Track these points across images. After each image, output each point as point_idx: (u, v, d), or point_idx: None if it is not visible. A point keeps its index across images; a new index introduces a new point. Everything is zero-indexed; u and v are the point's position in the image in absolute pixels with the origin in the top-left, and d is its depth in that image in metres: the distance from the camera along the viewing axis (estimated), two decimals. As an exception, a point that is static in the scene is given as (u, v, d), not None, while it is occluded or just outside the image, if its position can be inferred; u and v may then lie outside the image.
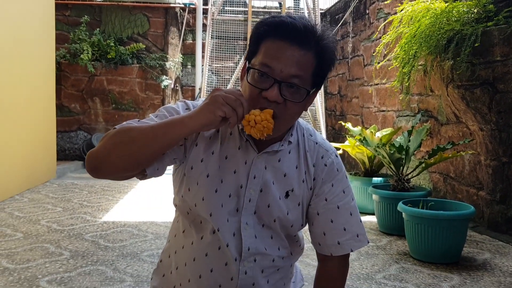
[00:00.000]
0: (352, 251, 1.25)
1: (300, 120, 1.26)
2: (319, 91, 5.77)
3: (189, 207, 1.21)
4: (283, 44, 1.09)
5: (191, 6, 7.74)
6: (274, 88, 1.08)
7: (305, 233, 1.42)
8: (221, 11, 7.16)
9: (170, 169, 1.25)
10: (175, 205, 1.29)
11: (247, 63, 1.16)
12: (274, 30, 1.10)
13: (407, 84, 3.79)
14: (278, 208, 1.21)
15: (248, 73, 1.12)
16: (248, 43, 1.20)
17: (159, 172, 1.15)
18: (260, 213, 1.20)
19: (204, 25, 7.61)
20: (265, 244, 1.22)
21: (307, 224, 1.32)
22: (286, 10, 7.08)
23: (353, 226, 1.24)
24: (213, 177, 1.18)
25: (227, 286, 1.21)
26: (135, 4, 7.50)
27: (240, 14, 7.29)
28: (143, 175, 1.14)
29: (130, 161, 1.06)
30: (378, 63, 4.71)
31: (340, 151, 5.23)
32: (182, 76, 8.11)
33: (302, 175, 1.24)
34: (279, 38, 1.09)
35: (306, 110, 1.18)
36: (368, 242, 1.29)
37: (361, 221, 1.28)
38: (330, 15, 7.89)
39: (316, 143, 1.27)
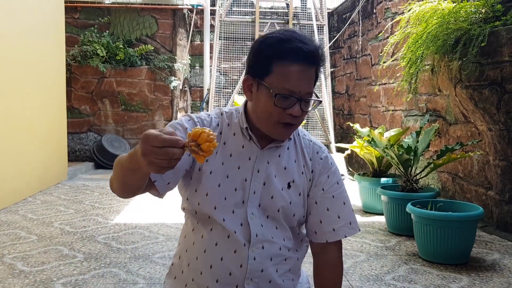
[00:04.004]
0: (345, 237, 1.36)
1: None
2: (327, 90, 5.77)
3: (194, 206, 1.31)
4: (300, 68, 1.23)
5: (199, 7, 7.78)
6: (297, 106, 1.24)
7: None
8: (229, 12, 7.19)
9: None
10: (183, 209, 1.39)
11: (252, 77, 1.27)
12: (291, 54, 1.22)
13: (414, 84, 3.80)
14: (282, 198, 1.32)
15: (271, 96, 1.22)
16: (253, 58, 1.27)
17: (172, 186, 1.27)
18: (265, 205, 1.31)
19: (212, 26, 7.65)
20: (271, 233, 1.32)
21: None
22: (293, 11, 7.09)
23: (346, 214, 1.37)
24: (216, 173, 1.29)
25: (237, 273, 1.27)
26: (143, 6, 7.55)
27: (247, 15, 7.31)
28: (158, 193, 1.26)
29: (126, 189, 1.19)
30: (385, 62, 4.72)
31: (349, 151, 5.25)
32: (190, 77, 8.16)
33: (301, 167, 1.37)
34: (296, 62, 1.22)
35: None
36: (359, 230, 1.40)
37: (352, 210, 1.40)
38: (337, 15, 7.89)
39: (310, 141, 1.42)
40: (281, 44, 1.22)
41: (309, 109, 1.28)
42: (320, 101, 1.31)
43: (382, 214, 3.86)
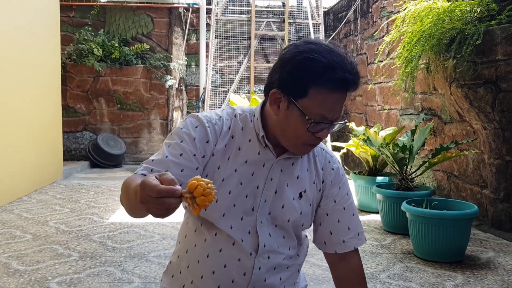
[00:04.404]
0: (354, 248, 1.35)
1: None
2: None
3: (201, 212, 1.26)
4: (339, 96, 1.19)
5: (195, 6, 7.76)
6: (327, 130, 1.22)
7: (309, 233, 1.46)
8: (225, 10, 7.18)
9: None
10: (185, 207, 1.35)
11: (283, 93, 1.20)
12: (333, 84, 1.16)
13: (410, 83, 3.81)
14: (293, 208, 1.30)
15: (304, 122, 1.18)
16: (287, 74, 1.18)
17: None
18: (275, 214, 1.29)
19: (208, 25, 7.64)
20: (277, 243, 1.30)
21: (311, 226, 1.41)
22: (289, 10, 7.09)
23: (355, 225, 1.36)
24: (228, 180, 1.25)
25: (240, 281, 1.26)
26: (139, 4, 7.53)
27: (243, 14, 7.31)
28: None
29: (136, 216, 1.13)
30: (381, 61, 4.73)
31: (344, 150, 5.26)
32: (186, 76, 8.15)
33: (313, 177, 1.35)
34: (337, 92, 1.18)
35: None
36: (366, 240, 1.40)
37: (360, 221, 1.40)
38: (333, 13, 7.89)
39: (323, 149, 1.40)
40: (324, 71, 1.14)
41: (334, 130, 1.26)
42: (345, 123, 1.28)
43: (377, 213, 3.87)
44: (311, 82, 1.15)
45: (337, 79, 1.15)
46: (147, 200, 0.93)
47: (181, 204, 1.34)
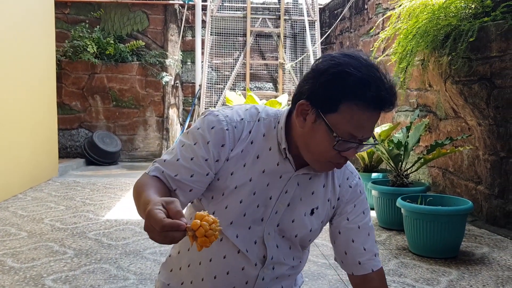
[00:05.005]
0: (372, 271, 1.26)
1: None
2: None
3: (208, 212, 1.23)
4: (372, 115, 1.10)
5: (190, 2, 7.75)
6: (355, 150, 1.13)
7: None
8: (220, 7, 7.17)
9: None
10: (191, 202, 1.30)
11: (311, 105, 1.12)
12: (368, 102, 1.07)
13: (402, 79, 3.81)
14: (303, 224, 1.25)
15: (331, 139, 1.10)
16: (319, 87, 1.10)
17: (198, 193, 1.20)
18: (283, 227, 1.24)
19: (203, 22, 7.62)
20: (284, 255, 1.27)
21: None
22: (284, 6, 7.08)
23: (371, 246, 1.28)
24: (241, 189, 1.19)
25: None
26: (134, 1, 7.51)
27: (239, 10, 7.30)
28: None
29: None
30: (376, 58, 4.73)
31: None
32: (182, 72, 8.14)
33: (328, 193, 1.28)
34: (371, 111, 1.09)
35: None
36: (381, 264, 1.32)
37: (375, 242, 1.33)
38: (328, 10, 7.89)
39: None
40: (359, 87, 1.06)
41: (363, 150, 1.19)
42: (376, 144, 1.19)
43: (372, 209, 3.88)
44: (343, 97, 1.07)
45: (372, 97, 1.06)
46: (151, 230, 0.92)
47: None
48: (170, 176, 1.15)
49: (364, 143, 1.13)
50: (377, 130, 4.33)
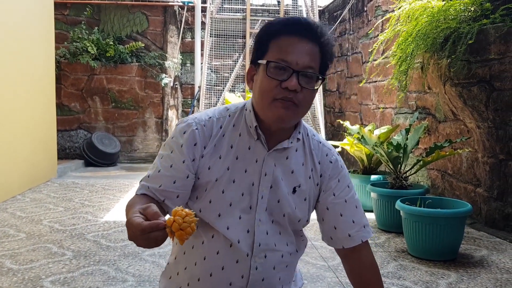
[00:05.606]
0: (362, 242, 1.32)
1: (302, 121, 1.33)
2: (318, 88, 5.77)
3: (196, 212, 1.24)
4: (294, 39, 1.19)
5: (190, 4, 7.75)
6: (293, 78, 1.16)
7: (308, 230, 1.46)
8: (220, 9, 7.17)
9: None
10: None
11: (254, 64, 1.25)
12: (284, 27, 1.20)
13: (404, 82, 3.82)
14: (287, 203, 1.27)
15: (264, 69, 1.19)
16: (254, 45, 1.26)
17: (185, 197, 1.26)
18: (271, 209, 1.26)
19: (203, 23, 7.62)
20: (274, 240, 1.28)
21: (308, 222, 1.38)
22: (284, 8, 7.09)
23: (360, 218, 1.33)
24: (221, 179, 1.23)
25: (238, 283, 1.25)
26: (133, 2, 7.51)
27: (238, 12, 7.30)
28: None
29: None
30: (375, 60, 4.74)
31: (339, 149, 5.27)
32: (181, 74, 8.13)
33: (309, 171, 1.31)
34: (290, 35, 1.19)
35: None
36: (372, 234, 1.37)
37: (364, 213, 1.36)
38: (328, 12, 7.90)
39: (320, 142, 1.36)
40: (277, 23, 1.22)
41: (311, 88, 1.19)
42: (323, 79, 1.22)
43: (371, 211, 3.88)
44: (268, 38, 1.20)
45: (286, 23, 1.20)
46: (135, 237, 0.98)
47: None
48: (155, 188, 1.22)
49: (301, 71, 1.17)
50: (376, 133, 4.33)
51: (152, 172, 1.25)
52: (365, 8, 6.09)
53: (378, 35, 4.81)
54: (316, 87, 1.22)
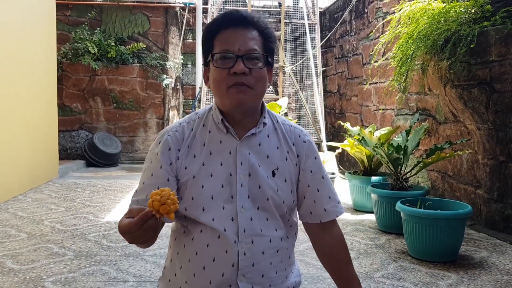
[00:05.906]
0: (336, 216, 1.40)
1: (266, 107, 1.40)
2: (318, 89, 5.78)
3: (182, 211, 1.30)
4: (232, 30, 1.28)
5: (191, 5, 7.77)
6: (239, 63, 1.24)
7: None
8: (221, 10, 7.18)
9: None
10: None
11: (206, 65, 1.33)
12: (221, 23, 1.29)
13: (404, 84, 3.82)
14: (269, 187, 1.31)
15: (213, 62, 1.28)
16: (202, 49, 1.35)
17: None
18: (254, 196, 1.30)
19: (204, 25, 7.64)
20: (260, 226, 1.31)
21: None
22: (285, 9, 7.11)
23: (334, 195, 1.42)
24: (198, 176, 1.29)
25: (230, 273, 1.27)
26: (135, 4, 7.53)
27: (239, 13, 7.31)
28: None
29: (144, 247, 1.26)
30: (376, 62, 4.75)
31: (340, 150, 5.28)
32: (182, 75, 8.15)
33: (285, 153, 1.37)
34: (227, 28, 1.28)
35: (270, 83, 1.37)
36: (344, 211, 1.45)
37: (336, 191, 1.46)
38: (329, 14, 7.91)
39: (291, 126, 1.43)
40: (213, 22, 1.31)
41: (259, 67, 1.27)
42: (267, 56, 1.30)
43: (372, 212, 3.89)
44: (211, 37, 1.29)
45: (225, 19, 1.29)
46: (133, 237, 1.08)
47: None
48: (143, 199, 1.30)
49: (251, 54, 1.25)
50: (377, 134, 4.34)
51: (139, 187, 1.34)
52: (366, 10, 6.10)
53: (379, 37, 4.82)
54: (263, 66, 1.29)
